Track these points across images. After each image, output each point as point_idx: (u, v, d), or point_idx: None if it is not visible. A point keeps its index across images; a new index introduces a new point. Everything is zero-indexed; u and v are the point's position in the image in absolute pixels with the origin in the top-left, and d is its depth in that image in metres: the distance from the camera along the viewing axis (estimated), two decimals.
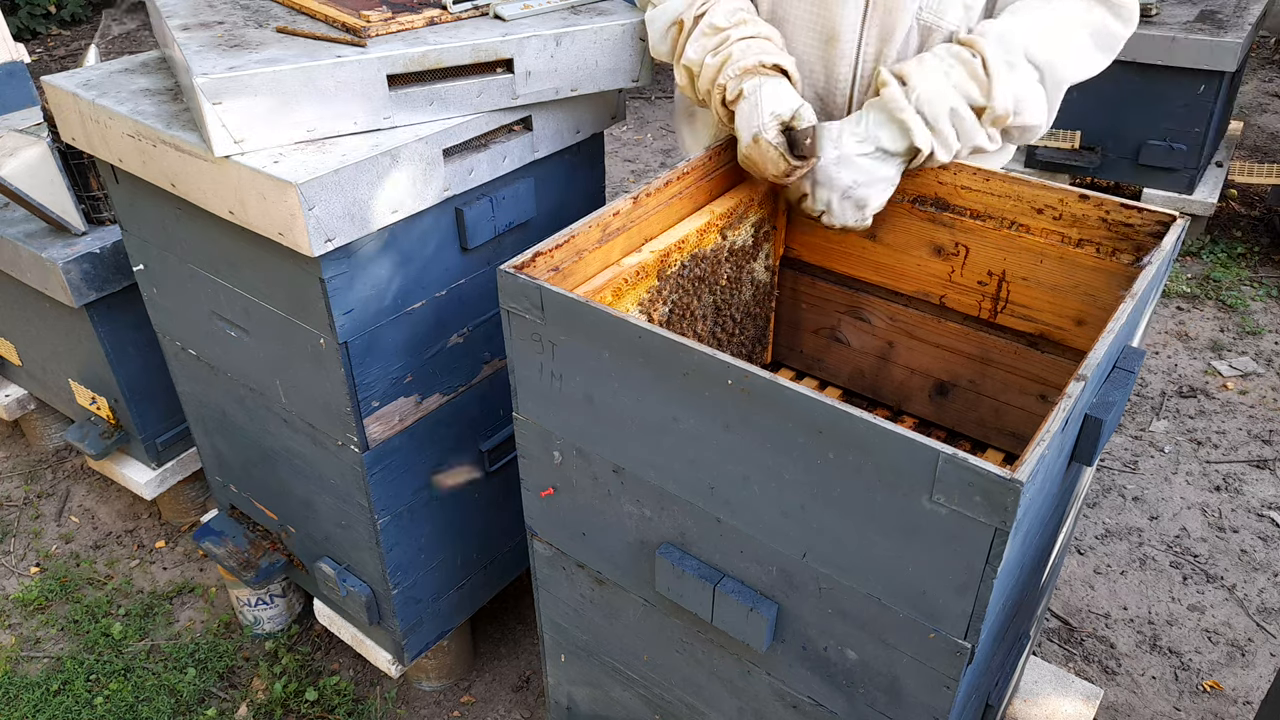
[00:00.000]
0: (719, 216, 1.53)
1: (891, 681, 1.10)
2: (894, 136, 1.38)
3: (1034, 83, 1.37)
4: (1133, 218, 1.34)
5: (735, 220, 1.57)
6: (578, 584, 1.44)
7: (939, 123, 1.36)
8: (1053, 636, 2.28)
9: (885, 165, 1.41)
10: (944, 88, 1.35)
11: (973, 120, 1.37)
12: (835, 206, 1.44)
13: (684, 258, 1.48)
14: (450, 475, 1.81)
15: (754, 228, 1.62)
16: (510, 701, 2.14)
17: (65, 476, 2.81)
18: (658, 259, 1.43)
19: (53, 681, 2.17)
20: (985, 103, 1.35)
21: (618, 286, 1.36)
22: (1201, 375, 3.18)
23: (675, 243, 1.46)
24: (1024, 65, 1.36)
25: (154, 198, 1.62)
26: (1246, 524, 2.59)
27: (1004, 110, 1.35)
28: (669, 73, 5.77)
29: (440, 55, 1.45)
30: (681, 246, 1.47)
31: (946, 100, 1.35)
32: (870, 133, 1.40)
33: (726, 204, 1.55)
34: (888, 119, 1.39)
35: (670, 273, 1.46)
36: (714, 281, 1.58)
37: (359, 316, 1.48)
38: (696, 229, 1.49)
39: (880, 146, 1.39)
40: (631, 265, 1.39)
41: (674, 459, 1.15)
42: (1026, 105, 1.37)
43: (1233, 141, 4.12)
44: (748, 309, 1.70)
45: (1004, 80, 1.34)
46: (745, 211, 1.58)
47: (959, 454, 0.89)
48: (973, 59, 1.36)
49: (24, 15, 6.23)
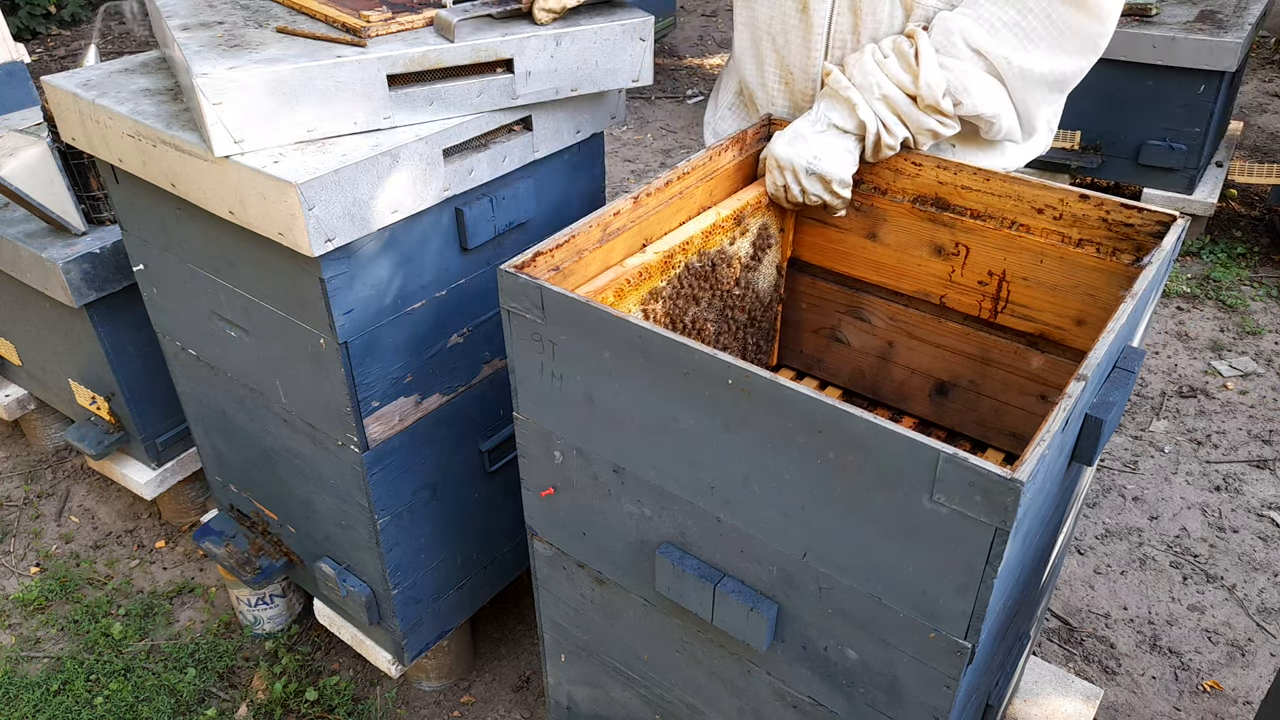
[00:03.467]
0: (725, 218, 1.53)
1: (891, 681, 1.10)
2: (843, 114, 1.46)
3: (978, 71, 1.40)
4: (1133, 218, 1.34)
5: (742, 222, 1.57)
6: (578, 584, 1.44)
7: (874, 106, 1.44)
8: (1053, 636, 2.28)
9: (840, 139, 1.47)
10: (877, 75, 1.42)
11: (909, 105, 1.42)
12: (804, 183, 1.49)
13: (688, 259, 1.48)
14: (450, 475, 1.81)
15: (760, 230, 1.62)
16: (510, 701, 2.14)
17: (65, 476, 2.81)
18: (661, 260, 1.43)
19: (53, 681, 2.17)
20: (914, 90, 1.41)
21: (620, 287, 1.36)
22: (1201, 375, 3.18)
23: (680, 244, 1.45)
24: (964, 53, 1.39)
25: (154, 198, 1.62)
26: (1246, 524, 2.59)
27: (931, 97, 1.40)
28: (669, 73, 5.77)
29: (440, 55, 1.45)
30: (686, 248, 1.47)
31: (879, 86, 1.42)
32: (821, 114, 1.48)
33: (733, 205, 1.54)
34: (835, 100, 1.46)
35: (675, 274, 1.46)
36: (719, 283, 1.57)
37: (359, 316, 1.49)
38: (702, 230, 1.49)
39: (832, 123, 1.47)
40: (634, 266, 1.39)
41: (674, 459, 1.15)
42: (968, 93, 1.40)
43: (1233, 141, 4.12)
44: (753, 311, 1.70)
45: (931, 67, 1.39)
46: (752, 213, 1.58)
47: (959, 454, 0.89)
48: (908, 48, 1.41)
49: (24, 15, 6.23)
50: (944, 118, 1.43)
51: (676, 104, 5.34)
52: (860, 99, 1.43)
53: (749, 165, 1.63)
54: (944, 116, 1.43)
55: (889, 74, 1.42)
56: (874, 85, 1.43)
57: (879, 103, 1.43)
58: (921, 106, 1.42)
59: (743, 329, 1.70)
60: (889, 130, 1.45)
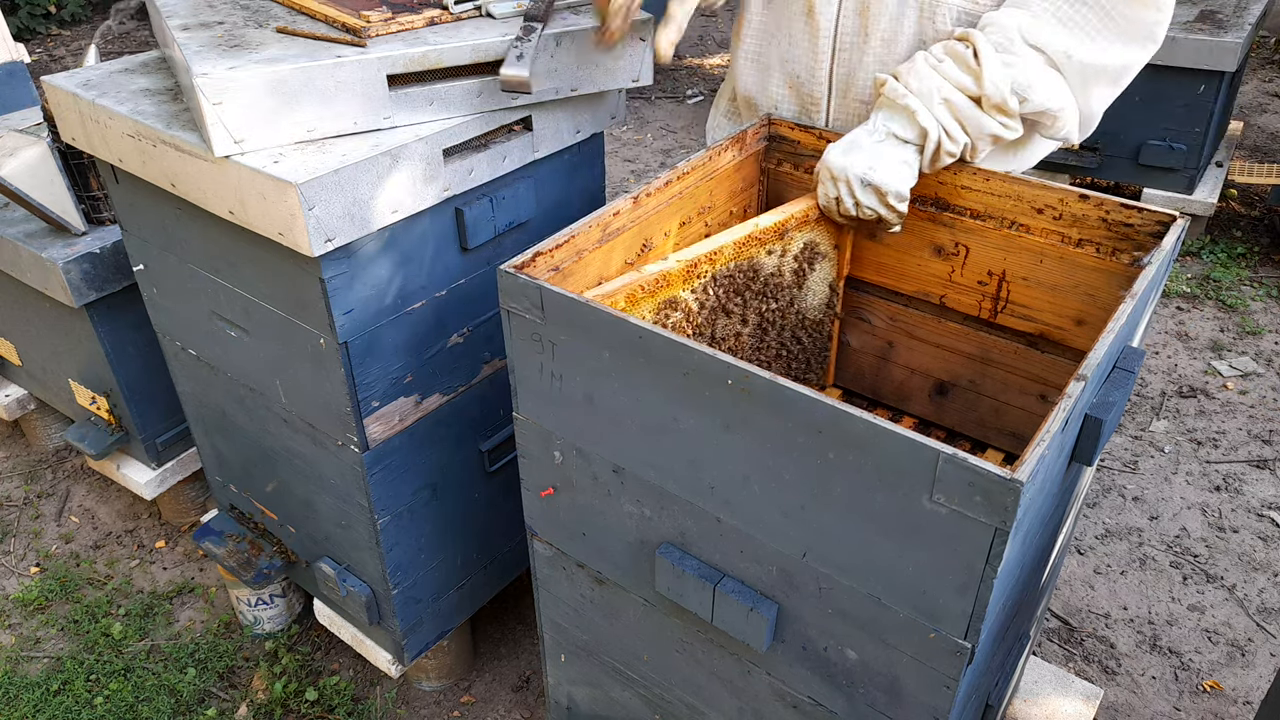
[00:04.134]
0: (765, 230, 1.46)
1: (891, 681, 1.10)
2: (903, 124, 1.39)
3: (1041, 66, 1.35)
4: (1133, 218, 1.34)
5: (785, 235, 1.50)
6: (578, 584, 1.44)
7: (935, 111, 1.37)
8: (1053, 636, 2.28)
9: (899, 149, 1.40)
10: (935, 80, 1.37)
11: (972, 108, 1.36)
12: (858, 195, 1.42)
13: (715, 269, 1.42)
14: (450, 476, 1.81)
15: (806, 245, 1.54)
16: (510, 701, 2.14)
17: (65, 476, 2.81)
18: (684, 268, 1.37)
19: (53, 681, 2.17)
20: (979, 90, 1.35)
21: (632, 293, 1.32)
22: (1201, 375, 3.18)
23: (707, 254, 1.40)
24: (1024, 50, 1.34)
25: (154, 198, 1.62)
26: (1246, 524, 2.59)
27: (998, 96, 1.34)
28: (669, 73, 5.77)
29: (440, 55, 1.45)
30: (714, 258, 1.41)
31: (939, 91, 1.36)
32: (879, 125, 1.41)
33: (775, 218, 1.47)
34: (893, 109, 1.40)
35: (701, 284, 1.41)
36: (754, 298, 1.51)
37: (359, 316, 1.49)
38: (734, 241, 1.43)
39: (891, 133, 1.40)
40: (653, 273, 1.34)
41: (674, 459, 1.15)
42: (1033, 89, 1.34)
43: (1233, 141, 4.12)
44: (796, 330, 1.62)
45: (994, 65, 1.33)
46: (798, 227, 1.51)
47: (959, 454, 0.89)
48: (965, 50, 1.36)
49: (24, 15, 6.23)
50: (1007, 119, 1.37)
51: (676, 104, 5.35)
52: (920, 105, 1.37)
53: (749, 165, 1.63)
54: (1007, 118, 1.37)
55: (948, 77, 1.36)
56: (933, 90, 1.36)
57: (940, 107, 1.37)
58: (986, 108, 1.36)
59: (785, 347, 1.62)
60: (950, 137, 1.38)
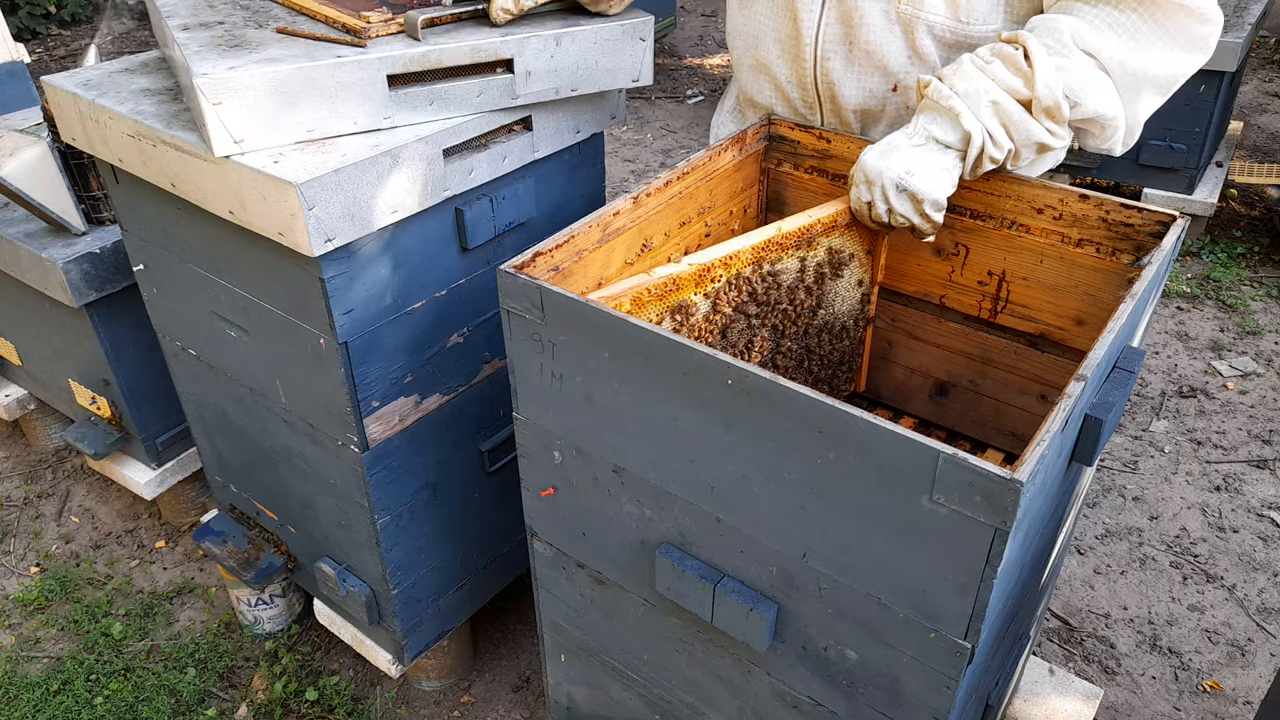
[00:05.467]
0: (787, 234, 1.40)
1: (891, 681, 1.10)
2: (945, 127, 1.32)
3: (1094, 71, 1.29)
4: (1133, 218, 1.34)
5: (812, 242, 1.43)
6: (578, 584, 1.44)
7: (982, 115, 1.30)
8: (1053, 636, 2.28)
9: (939, 155, 1.33)
10: (982, 81, 1.29)
11: (1020, 113, 1.29)
12: (892, 200, 1.34)
13: (730, 274, 1.36)
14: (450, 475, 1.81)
15: (833, 251, 1.47)
16: (510, 701, 2.14)
17: (65, 476, 2.81)
18: (696, 272, 1.31)
19: (53, 681, 2.17)
20: (1029, 93, 1.28)
21: (638, 295, 1.27)
22: (1201, 375, 3.18)
23: (722, 258, 1.34)
24: (1075, 54, 1.28)
25: (154, 198, 1.62)
26: (1246, 524, 2.59)
27: (1050, 99, 1.27)
28: (669, 73, 5.77)
29: (440, 55, 1.45)
30: (730, 262, 1.35)
31: (986, 93, 1.29)
32: (920, 127, 1.34)
33: (800, 222, 1.41)
34: (935, 112, 1.33)
35: (715, 288, 1.35)
36: (775, 304, 1.44)
37: (359, 316, 1.49)
38: (753, 245, 1.37)
39: (932, 136, 1.33)
40: (662, 276, 1.29)
41: (674, 459, 1.15)
42: (1086, 95, 1.28)
43: (1233, 141, 4.12)
44: (821, 336, 1.55)
45: (1047, 68, 1.26)
46: (825, 232, 1.44)
47: (959, 454, 0.89)
48: (1014, 52, 1.29)
49: (24, 15, 6.24)
50: (1056, 125, 1.30)
51: (676, 104, 5.35)
52: (965, 108, 1.29)
53: (749, 165, 1.63)
54: (1056, 124, 1.30)
55: (997, 79, 1.29)
56: (980, 92, 1.29)
57: (987, 110, 1.29)
58: (1035, 112, 1.29)
59: (809, 354, 1.54)
60: (995, 142, 1.30)
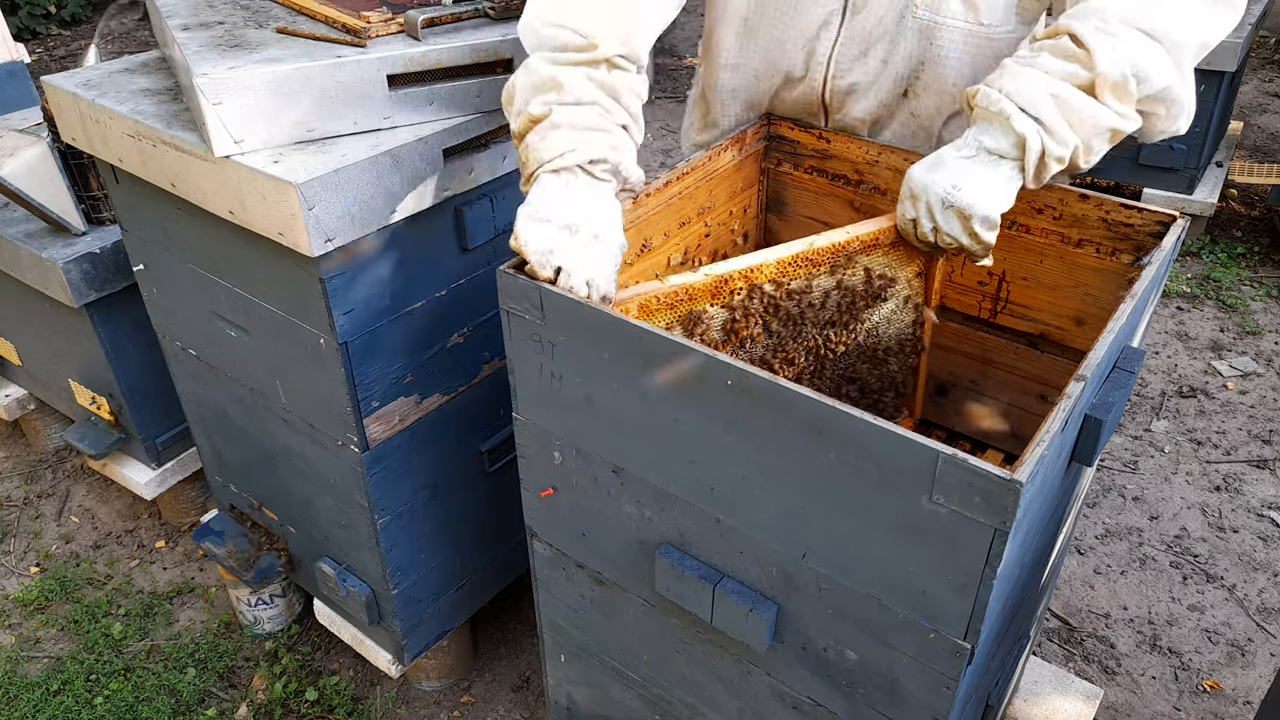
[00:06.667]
0: (819, 250, 1.31)
1: (891, 682, 1.10)
2: (995, 134, 1.21)
3: (1148, 43, 1.18)
4: (1133, 218, 1.34)
5: (851, 260, 1.33)
6: (578, 584, 1.44)
7: (1040, 111, 1.17)
8: (1053, 636, 2.28)
9: (991, 168, 1.21)
10: (1033, 76, 1.19)
11: (1084, 100, 1.17)
12: (938, 218, 1.24)
13: (751, 288, 1.29)
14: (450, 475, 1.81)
15: (873, 272, 1.36)
16: (510, 701, 2.14)
17: (65, 476, 2.81)
18: (712, 283, 1.25)
19: (53, 681, 2.17)
20: (1092, 74, 1.16)
21: (646, 303, 1.23)
22: (1201, 375, 3.18)
23: (742, 270, 1.27)
24: (1126, 29, 1.18)
25: (154, 198, 1.62)
26: (1246, 524, 2.58)
27: (1116, 73, 1.15)
28: (669, 72, 5.76)
29: (440, 55, 1.45)
30: (751, 275, 1.28)
31: (1041, 86, 1.18)
32: (971, 139, 1.23)
33: (835, 238, 1.32)
34: (985, 120, 1.22)
35: (735, 300, 1.28)
36: (804, 323, 1.35)
37: (359, 316, 1.48)
38: (778, 260, 1.29)
39: (983, 147, 1.21)
40: (675, 285, 1.23)
41: (674, 459, 1.15)
42: (1148, 68, 1.17)
43: (1233, 141, 4.12)
44: (859, 362, 1.44)
45: (1105, 45, 1.16)
46: (865, 250, 1.34)
47: (959, 454, 0.89)
48: (1060, 40, 1.20)
49: (24, 15, 6.23)
50: (1124, 107, 1.17)
51: (676, 104, 5.34)
52: (1015, 109, 1.18)
53: (749, 165, 1.63)
54: (1124, 105, 1.17)
55: (1049, 70, 1.18)
56: (1033, 87, 1.17)
57: (1046, 105, 1.17)
58: (1101, 93, 1.16)
59: (846, 381, 1.44)
60: (1055, 136, 1.17)
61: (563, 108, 1.22)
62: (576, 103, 1.22)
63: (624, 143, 1.28)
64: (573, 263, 1.17)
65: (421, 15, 1.47)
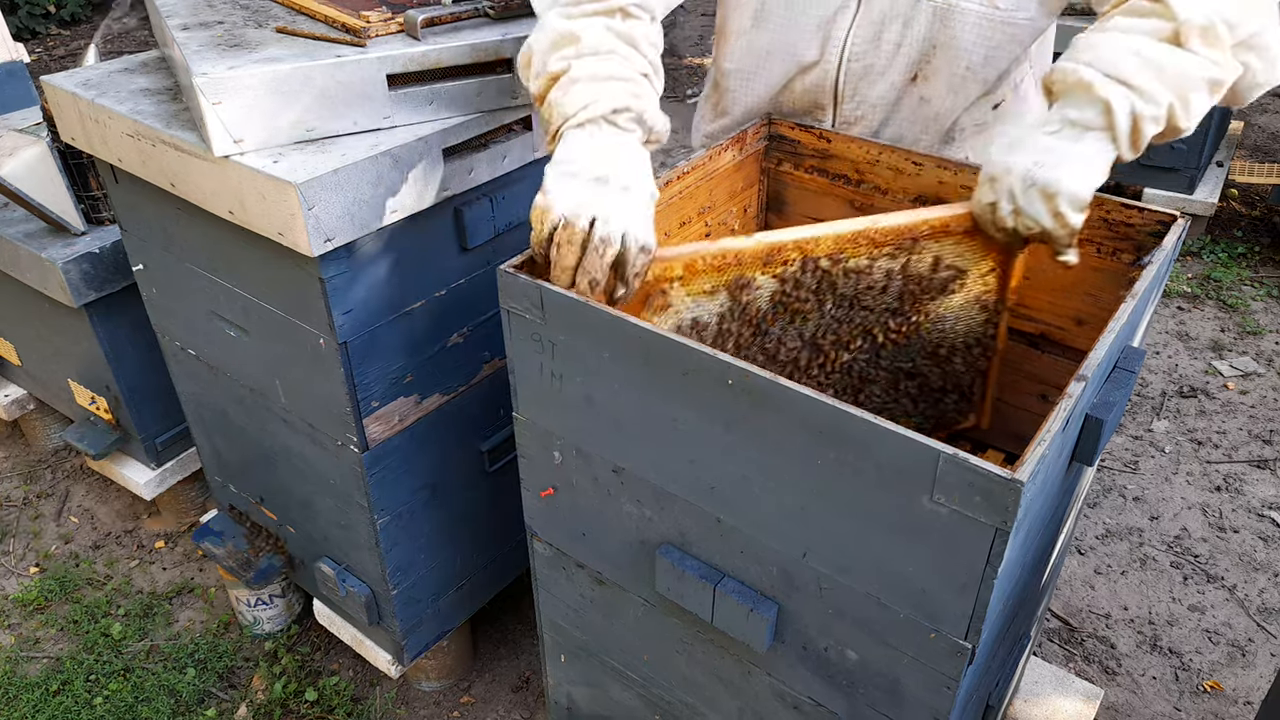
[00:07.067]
0: (883, 231, 1.23)
1: (892, 682, 1.10)
2: (1079, 104, 1.11)
3: None
4: (1133, 217, 1.33)
5: (916, 244, 1.24)
6: (578, 584, 1.44)
7: (1124, 71, 1.08)
8: (1053, 636, 2.27)
9: (1078, 141, 1.11)
10: (1112, 38, 1.10)
11: (1170, 52, 1.08)
12: (1020, 199, 1.13)
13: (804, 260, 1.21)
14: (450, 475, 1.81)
15: (940, 262, 1.27)
16: (510, 701, 2.14)
17: (65, 476, 2.81)
18: (764, 250, 1.18)
19: (52, 681, 2.17)
20: (1174, 24, 1.08)
21: (692, 263, 1.16)
22: (1202, 375, 3.18)
23: (797, 241, 1.19)
24: None
25: (154, 198, 1.62)
26: (1247, 524, 2.58)
27: (1202, 18, 1.06)
28: (669, 72, 5.76)
29: (440, 55, 1.45)
30: (805, 247, 1.20)
31: (1122, 46, 1.08)
32: (1054, 114, 1.13)
33: (901, 220, 1.23)
34: (1067, 92, 1.12)
35: (789, 272, 1.20)
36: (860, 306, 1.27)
37: (358, 316, 1.48)
38: (836, 235, 1.21)
39: (1068, 121, 1.12)
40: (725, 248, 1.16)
41: (674, 459, 1.15)
42: (1233, 12, 1.08)
43: (1233, 141, 4.12)
44: (919, 356, 1.35)
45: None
46: (933, 237, 1.25)
47: (959, 454, 0.89)
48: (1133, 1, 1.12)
49: (24, 15, 6.24)
50: (1218, 54, 1.08)
51: (676, 104, 5.34)
52: (1097, 74, 1.08)
53: (749, 165, 1.63)
54: (1217, 51, 1.08)
55: (1127, 30, 1.09)
56: (1113, 49, 1.08)
57: (1129, 64, 1.07)
58: (1188, 41, 1.07)
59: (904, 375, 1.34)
60: (1144, 96, 1.07)
61: (581, 60, 1.20)
62: (595, 53, 1.20)
63: (646, 91, 1.24)
64: (606, 213, 1.12)
65: (421, 15, 1.47)
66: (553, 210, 1.13)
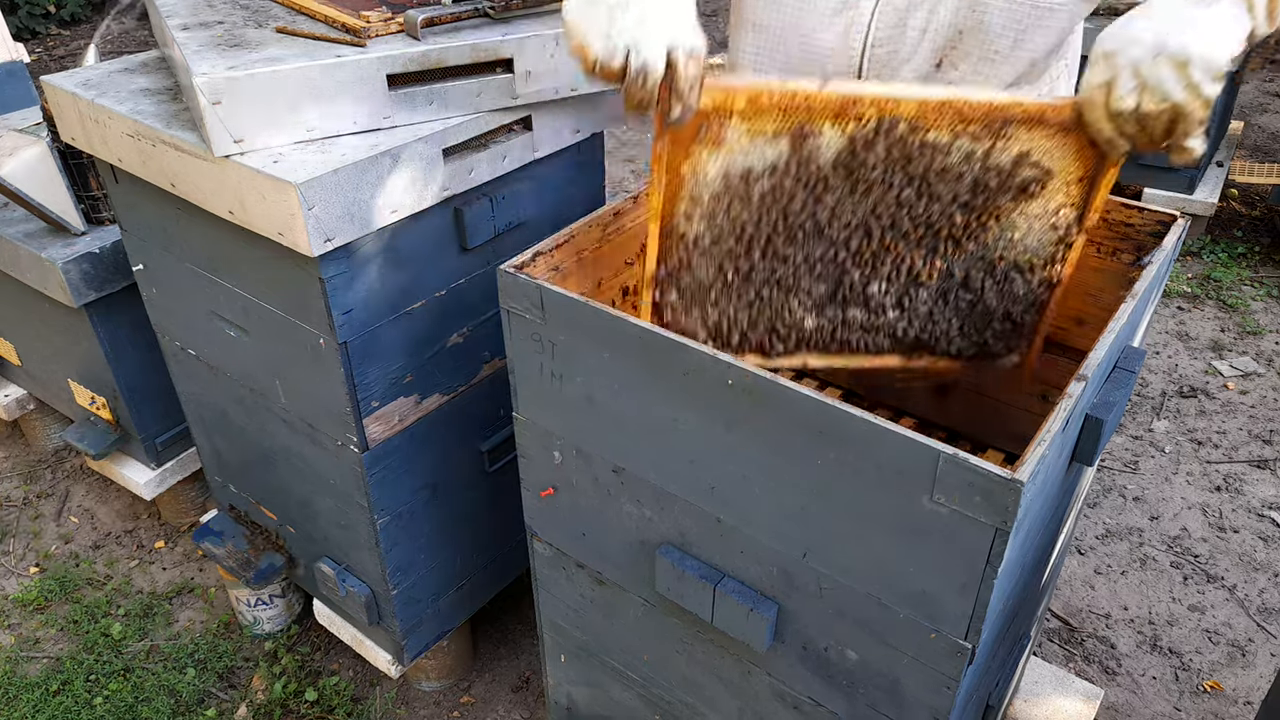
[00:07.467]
0: (971, 105, 1.11)
1: (892, 682, 1.10)
2: None
3: None
4: (1133, 217, 1.33)
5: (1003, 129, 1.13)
6: (578, 584, 1.44)
7: None
8: (1053, 636, 2.27)
9: (1208, 8, 1.01)
10: None
11: None
12: (1145, 73, 1.01)
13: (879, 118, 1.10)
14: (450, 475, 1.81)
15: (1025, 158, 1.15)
16: (510, 701, 2.14)
17: (65, 476, 2.81)
18: (839, 101, 1.09)
19: (52, 682, 2.17)
20: None
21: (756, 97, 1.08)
22: (1202, 375, 3.18)
23: (878, 96, 1.09)
24: None
25: (154, 198, 1.62)
26: (1247, 524, 2.58)
27: None
28: None
29: (440, 55, 1.45)
30: (885, 105, 1.10)
31: None
32: None
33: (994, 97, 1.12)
34: None
35: (861, 131, 1.11)
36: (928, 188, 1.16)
37: (359, 316, 1.48)
38: (920, 99, 1.10)
39: None
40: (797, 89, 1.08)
41: (674, 459, 1.15)
42: None
43: (1233, 141, 4.12)
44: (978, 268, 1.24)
45: None
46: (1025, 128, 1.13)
47: (959, 454, 0.89)
48: None
49: (24, 15, 6.24)
50: None
51: None
52: None
53: None
54: None
55: None
56: None
57: None
58: None
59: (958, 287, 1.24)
60: None
61: None
62: None
63: None
64: (640, 33, 1.00)
65: (421, 15, 1.47)
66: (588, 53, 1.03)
